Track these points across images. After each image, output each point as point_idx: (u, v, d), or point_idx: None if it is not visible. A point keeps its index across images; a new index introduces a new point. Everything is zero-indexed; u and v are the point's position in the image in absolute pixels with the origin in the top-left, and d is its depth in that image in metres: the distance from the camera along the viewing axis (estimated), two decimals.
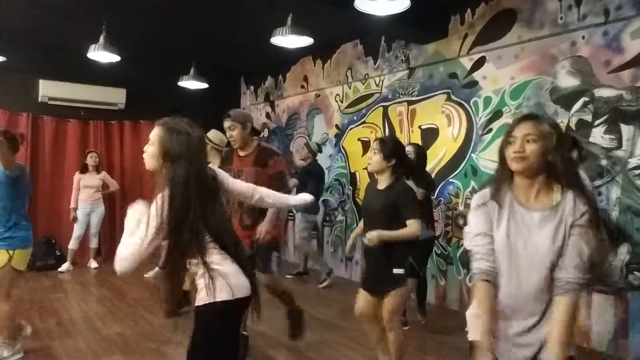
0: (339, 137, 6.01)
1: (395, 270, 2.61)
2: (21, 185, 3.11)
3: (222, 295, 1.75)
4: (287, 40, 4.04)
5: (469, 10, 4.50)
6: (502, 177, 1.66)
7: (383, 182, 2.75)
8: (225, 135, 3.58)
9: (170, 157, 1.80)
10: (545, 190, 1.59)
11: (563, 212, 1.54)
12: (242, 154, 3.34)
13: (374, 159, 2.72)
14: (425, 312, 4.14)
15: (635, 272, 3.38)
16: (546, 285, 1.55)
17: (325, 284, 5.34)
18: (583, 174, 2.03)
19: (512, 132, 1.64)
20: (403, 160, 2.78)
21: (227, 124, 3.27)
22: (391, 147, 2.72)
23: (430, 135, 4.88)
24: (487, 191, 1.68)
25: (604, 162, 3.52)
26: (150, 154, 1.83)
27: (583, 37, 3.69)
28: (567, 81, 3.79)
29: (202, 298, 1.77)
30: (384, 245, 2.60)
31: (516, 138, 1.61)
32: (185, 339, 1.86)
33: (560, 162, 1.56)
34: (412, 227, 2.61)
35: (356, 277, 5.58)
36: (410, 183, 2.90)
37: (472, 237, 1.67)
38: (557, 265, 1.54)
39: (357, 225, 5.64)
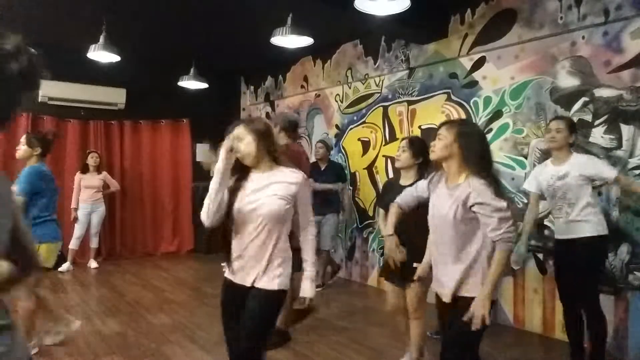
0: (339, 137, 6.01)
1: (416, 264, 2.70)
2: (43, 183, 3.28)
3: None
4: (287, 40, 4.05)
5: (469, 10, 4.50)
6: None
7: (408, 179, 2.94)
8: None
9: None
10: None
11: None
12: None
13: (403, 156, 2.95)
14: None
15: (635, 272, 3.38)
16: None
17: (330, 282, 5.32)
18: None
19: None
20: (428, 159, 2.82)
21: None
22: (418, 146, 2.96)
23: (430, 135, 4.85)
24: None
25: None
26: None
27: (583, 37, 3.69)
28: (567, 81, 3.79)
29: (280, 283, 2.05)
30: (408, 241, 2.78)
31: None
32: (183, 339, 1.86)
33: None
34: None
35: (356, 277, 5.59)
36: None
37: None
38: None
39: (356, 225, 5.65)
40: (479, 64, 4.42)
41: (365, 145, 5.62)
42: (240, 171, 2.17)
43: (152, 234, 7.16)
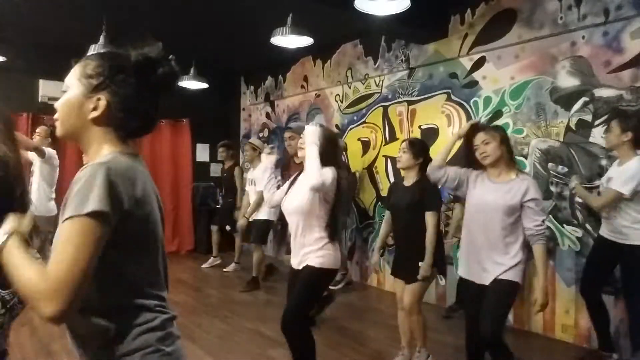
0: (339, 137, 6.00)
1: (421, 263, 2.89)
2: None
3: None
4: (287, 40, 4.04)
5: (469, 10, 4.50)
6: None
7: (410, 179, 3.07)
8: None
9: None
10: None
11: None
12: (297, 161, 3.90)
13: (404, 157, 3.05)
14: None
15: None
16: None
17: (340, 285, 5.19)
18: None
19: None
20: (429, 160, 3.07)
21: (287, 134, 4.08)
22: (419, 147, 3.07)
23: (430, 135, 4.87)
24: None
25: (603, 162, 3.52)
26: None
27: (583, 37, 3.69)
28: (567, 81, 3.79)
29: (326, 262, 2.53)
30: (412, 240, 2.96)
31: (478, 145, 2.51)
32: (183, 339, 1.87)
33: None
34: (433, 223, 2.92)
35: (356, 277, 5.58)
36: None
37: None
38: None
39: (356, 225, 5.65)
40: (479, 64, 4.42)
41: (365, 145, 5.62)
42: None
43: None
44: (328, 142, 2.66)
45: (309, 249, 2.57)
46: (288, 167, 4.30)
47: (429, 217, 2.92)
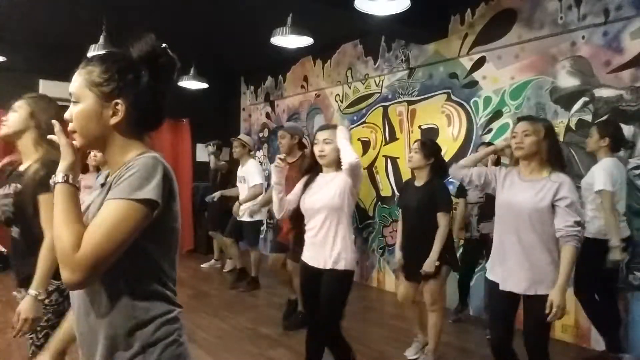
0: None
1: (437, 262, 2.97)
2: None
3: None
4: (287, 40, 4.04)
5: (469, 10, 4.50)
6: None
7: (421, 179, 3.14)
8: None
9: None
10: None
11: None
12: (290, 160, 3.86)
13: (415, 157, 3.11)
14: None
15: (635, 272, 3.38)
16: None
17: None
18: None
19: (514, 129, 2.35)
20: (440, 160, 3.17)
21: (280, 133, 4.10)
22: (430, 147, 3.13)
23: (430, 135, 4.87)
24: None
25: None
26: None
27: (583, 37, 3.69)
28: (567, 81, 3.79)
29: (348, 264, 2.45)
30: (422, 239, 3.02)
31: (517, 133, 2.31)
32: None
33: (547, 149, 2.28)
34: (444, 223, 3.00)
35: (356, 277, 5.56)
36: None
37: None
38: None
39: (357, 225, 5.65)
40: (479, 64, 4.42)
41: (366, 145, 5.62)
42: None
43: None
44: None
45: (338, 250, 2.46)
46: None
47: (441, 218, 3.01)
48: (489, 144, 3.96)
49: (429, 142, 3.22)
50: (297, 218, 3.54)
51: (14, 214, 1.88)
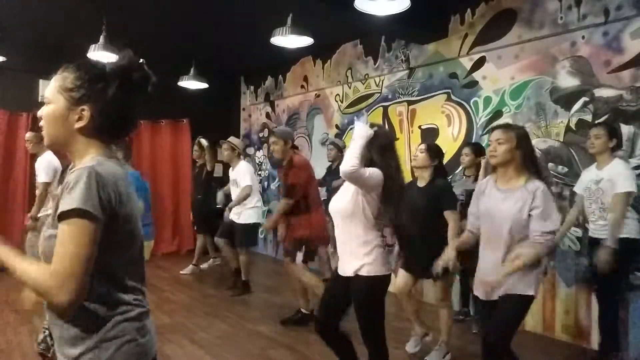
0: (339, 137, 6.00)
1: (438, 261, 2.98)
2: None
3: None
4: (287, 40, 4.04)
5: (469, 10, 4.50)
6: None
7: (423, 180, 3.22)
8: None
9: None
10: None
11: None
12: (283, 164, 4.03)
13: (420, 156, 3.19)
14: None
15: (635, 272, 3.38)
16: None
17: None
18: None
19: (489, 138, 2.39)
20: (442, 163, 3.27)
21: (271, 139, 4.02)
22: (435, 150, 3.23)
23: (430, 135, 4.88)
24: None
25: None
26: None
27: (583, 37, 3.69)
28: (567, 81, 3.79)
29: (373, 269, 2.33)
30: (429, 238, 3.07)
31: (491, 142, 2.36)
32: (183, 339, 1.87)
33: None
34: (453, 220, 3.04)
35: None
36: (471, 181, 3.70)
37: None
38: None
39: None
40: (479, 64, 4.42)
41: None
42: None
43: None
44: (383, 145, 2.41)
45: (357, 255, 2.36)
46: (280, 169, 4.31)
47: (450, 215, 3.09)
48: (475, 144, 4.10)
49: (434, 147, 3.32)
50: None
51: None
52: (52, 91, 1.20)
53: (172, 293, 5.03)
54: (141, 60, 1.22)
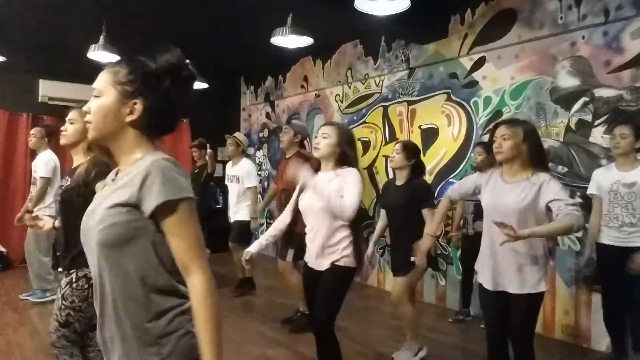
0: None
1: (413, 258, 3.03)
2: None
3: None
4: (287, 40, 4.04)
5: (469, 10, 4.50)
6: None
7: (401, 179, 3.24)
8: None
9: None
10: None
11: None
12: (287, 155, 4.19)
13: (397, 157, 3.21)
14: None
15: None
16: None
17: None
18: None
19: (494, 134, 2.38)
20: (419, 162, 3.28)
21: (285, 127, 4.30)
22: (412, 149, 3.24)
23: (430, 135, 4.88)
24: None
25: (604, 162, 3.52)
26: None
27: (583, 37, 3.69)
28: (567, 81, 3.79)
29: (349, 261, 2.49)
30: (406, 236, 3.11)
31: (496, 138, 2.34)
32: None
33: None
34: (430, 218, 3.02)
35: (356, 277, 5.57)
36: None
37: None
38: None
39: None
40: (479, 64, 4.42)
41: (365, 145, 5.62)
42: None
43: None
44: (349, 142, 2.61)
45: (335, 249, 2.50)
46: (280, 162, 4.40)
47: (427, 213, 3.08)
48: (485, 144, 4.01)
49: (411, 145, 3.31)
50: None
51: (60, 204, 2.16)
52: (104, 84, 1.20)
53: None
54: (188, 60, 1.27)
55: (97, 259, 1.16)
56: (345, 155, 2.56)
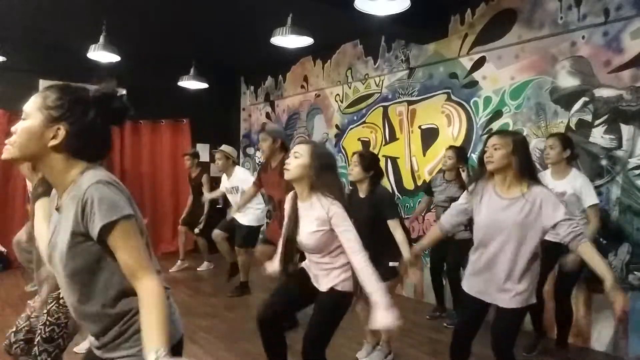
0: (339, 137, 6.01)
1: (391, 264, 2.97)
2: None
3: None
4: (287, 40, 4.04)
5: (469, 10, 4.50)
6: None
7: (363, 191, 3.15)
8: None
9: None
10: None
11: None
12: (272, 164, 3.97)
13: (355, 170, 3.12)
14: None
15: (635, 272, 3.38)
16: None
17: None
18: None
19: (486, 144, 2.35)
20: (379, 171, 3.22)
21: (261, 135, 4.03)
22: (369, 160, 3.16)
23: (430, 135, 4.88)
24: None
25: (604, 162, 3.52)
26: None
27: (583, 37, 3.69)
28: (567, 81, 3.79)
29: (345, 285, 2.31)
30: (374, 246, 2.86)
31: (487, 148, 2.31)
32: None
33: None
34: (397, 228, 2.98)
35: None
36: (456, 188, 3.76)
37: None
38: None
39: None
40: (479, 64, 4.42)
41: (365, 145, 5.62)
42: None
43: (152, 234, 7.04)
44: (327, 164, 2.33)
45: (331, 273, 2.35)
46: (265, 169, 4.15)
47: (393, 224, 3.01)
48: (459, 148, 4.17)
49: (367, 155, 3.24)
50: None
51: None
52: (32, 107, 1.24)
53: (172, 293, 5.02)
54: (123, 92, 1.29)
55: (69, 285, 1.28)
56: (321, 179, 2.25)
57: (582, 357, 3.48)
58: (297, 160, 2.27)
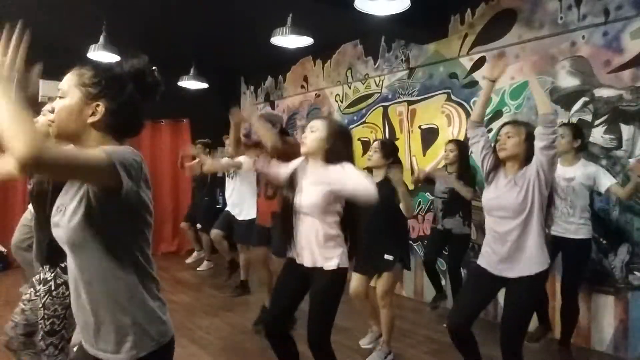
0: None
1: (386, 256, 3.04)
2: None
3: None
4: (287, 40, 4.05)
5: (469, 10, 4.50)
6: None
7: (377, 178, 3.16)
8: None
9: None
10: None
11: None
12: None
13: (375, 156, 3.17)
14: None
15: (635, 272, 3.38)
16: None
17: None
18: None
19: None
20: (397, 160, 3.26)
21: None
22: (390, 148, 3.22)
23: (430, 135, 4.88)
24: None
25: (604, 162, 3.52)
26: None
27: (583, 37, 3.69)
28: (567, 81, 3.79)
29: (340, 262, 2.29)
30: (381, 235, 3.06)
31: (501, 136, 2.46)
32: (183, 339, 1.87)
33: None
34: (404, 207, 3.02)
35: None
36: (458, 182, 3.76)
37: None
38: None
39: None
40: (479, 64, 4.42)
41: (366, 145, 5.61)
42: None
43: (152, 234, 7.12)
44: (343, 138, 2.35)
45: (324, 248, 2.30)
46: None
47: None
48: (460, 141, 4.17)
49: (389, 143, 3.31)
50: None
51: (32, 195, 2.17)
52: (69, 85, 1.24)
53: (172, 293, 5.03)
54: (154, 67, 1.32)
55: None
56: (335, 151, 2.26)
57: (582, 357, 3.48)
58: (314, 134, 2.30)
